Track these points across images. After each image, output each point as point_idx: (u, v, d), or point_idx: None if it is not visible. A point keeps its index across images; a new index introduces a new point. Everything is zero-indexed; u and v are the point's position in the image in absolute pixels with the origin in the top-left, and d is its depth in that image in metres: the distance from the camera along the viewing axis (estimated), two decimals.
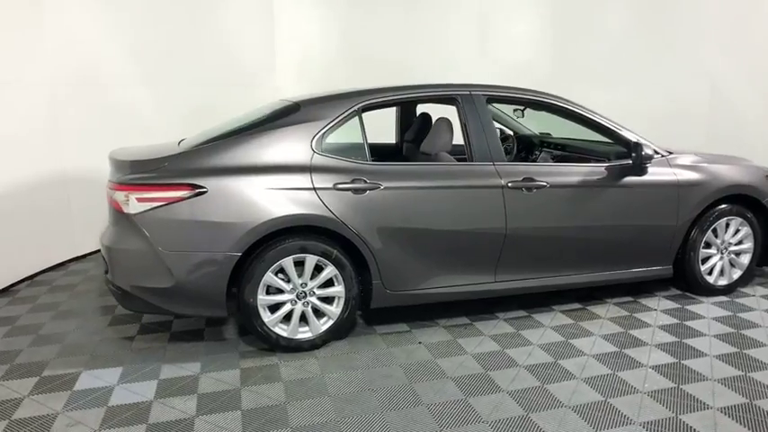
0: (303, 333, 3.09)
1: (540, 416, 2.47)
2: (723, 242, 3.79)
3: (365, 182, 3.04)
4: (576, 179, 3.40)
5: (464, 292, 3.33)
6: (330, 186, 2.99)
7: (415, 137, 4.21)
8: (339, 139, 3.17)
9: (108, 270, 2.99)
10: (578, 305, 3.75)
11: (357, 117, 3.19)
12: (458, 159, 3.43)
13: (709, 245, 3.78)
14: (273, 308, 3.04)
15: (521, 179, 3.28)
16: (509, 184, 3.25)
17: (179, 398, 2.65)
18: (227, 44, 5.55)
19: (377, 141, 4.61)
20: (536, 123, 4.85)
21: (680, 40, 6.31)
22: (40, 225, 4.43)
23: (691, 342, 3.18)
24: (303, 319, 3.08)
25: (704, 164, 3.69)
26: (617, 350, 3.09)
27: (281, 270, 2.99)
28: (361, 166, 3.09)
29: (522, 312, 3.64)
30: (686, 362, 2.95)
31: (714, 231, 3.75)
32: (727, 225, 3.77)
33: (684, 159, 3.68)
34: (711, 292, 3.84)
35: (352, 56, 6.16)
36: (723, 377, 2.78)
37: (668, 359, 2.98)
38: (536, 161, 4.38)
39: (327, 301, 3.11)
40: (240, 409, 2.55)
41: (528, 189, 3.29)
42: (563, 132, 4.54)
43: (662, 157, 3.63)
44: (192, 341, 3.26)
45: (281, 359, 3.02)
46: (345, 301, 3.10)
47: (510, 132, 4.77)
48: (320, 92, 3.50)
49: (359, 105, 3.19)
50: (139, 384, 2.77)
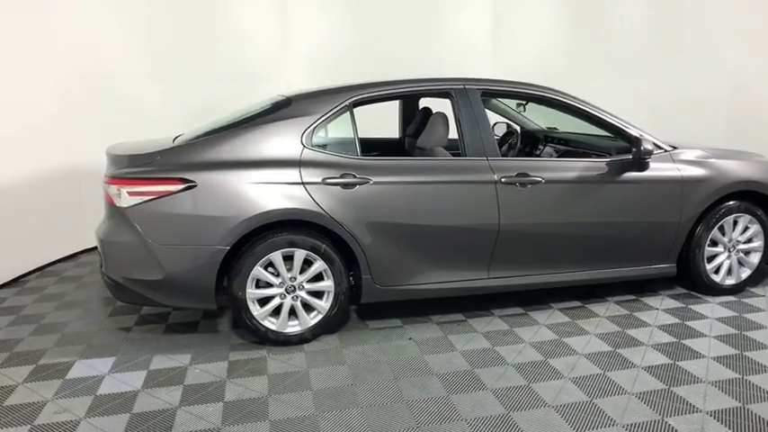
0: (292, 327, 3.10)
1: (521, 415, 2.43)
2: (731, 240, 3.66)
3: (354, 176, 3.04)
4: (573, 174, 3.33)
5: (456, 288, 3.29)
6: (319, 181, 2.99)
7: (415, 131, 4.17)
8: (330, 133, 3.17)
9: (102, 262, 3.06)
10: (578, 303, 3.67)
11: (348, 112, 3.18)
12: (455, 154, 3.39)
13: (715, 243, 3.66)
14: (264, 301, 3.06)
15: (514, 174, 3.22)
16: (502, 180, 3.20)
17: (165, 388, 2.70)
18: (238, 39, 5.59)
19: (380, 136, 4.62)
20: (544, 118, 4.76)
21: (697, 30, 6.10)
22: (52, 217, 4.56)
23: (689, 343, 3.09)
24: (293, 313, 3.10)
25: (710, 159, 3.57)
26: (611, 350, 3.02)
27: (270, 264, 3.01)
28: (351, 161, 3.08)
29: (519, 309, 3.59)
30: (681, 363, 2.86)
31: (721, 229, 3.63)
32: (735, 222, 3.64)
33: (689, 155, 3.56)
34: (718, 291, 3.72)
35: (363, 51, 6.13)
36: (718, 380, 2.69)
37: (663, 360, 2.90)
38: (540, 156, 4.30)
39: (317, 295, 3.12)
40: (222, 401, 2.58)
41: (522, 184, 3.23)
42: (570, 127, 4.44)
43: (665, 152, 3.52)
44: (187, 333, 3.31)
45: (269, 352, 3.05)
46: (335, 295, 3.11)
47: (516, 127, 4.69)
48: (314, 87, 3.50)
49: (350, 100, 3.17)
50: (129, 374, 2.83)
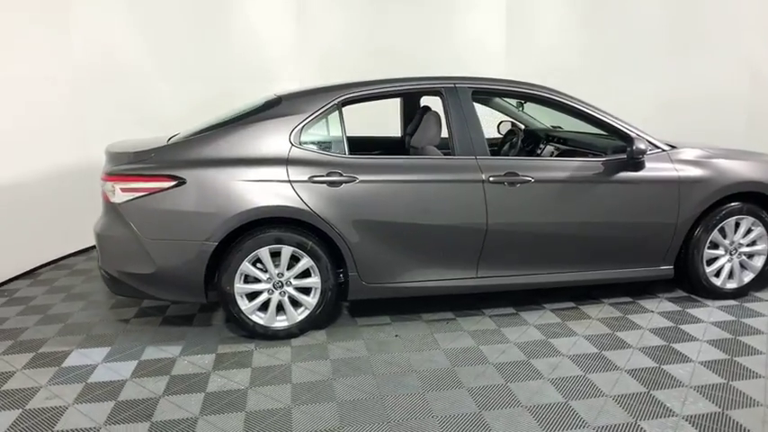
0: (280, 322, 3.17)
1: (493, 414, 2.44)
2: (732, 243, 3.57)
3: (341, 175, 3.08)
4: (565, 174, 3.30)
5: (445, 287, 3.31)
6: (305, 179, 3.05)
7: (414, 130, 4.19)
8: (318, 132, 3.21)
9: (98, 256, 3.18)
10: (571, 304, 3.64)
11: (337, 111, 3.22)
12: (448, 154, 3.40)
13: (717, 245, 3.57)
14: (253, 296, 3.14)
15: (503, 173, 3.21)
16: (490, 179, 3.19)
17: (152, 378, 2.80)
18: (251, 38, 5.69)
19: (382, 135, 4.66)
20: (548, 117, 4.71)
21: (716, 26, 5.92)
22: (66, 212, 4.75)
23: (679, 347, 3.03)
24: (282, 309, 3.17)
25: (710, 159, 3.48)
26: (596, 352, 2.99)
27: (259, 260, 3.08)
28: (338, 160, 3.12)
29: (510, 309, 3.57)
30: (667, 367, 2.81)
31: (722, 231, 3.54)
32: (737, 224, 3.54)
33: (687, 154, 3.48)
34: (718, 295, 3.62)
35: (376, 49, 6.16)
36: (701, 384, 2.64)
37: (648, 363, 2.85)
38: (541, 155, 4.26)
39: (305, 291, 3.18)
40: (204, 392, 2.66)
41: (511, 184, 3.21)
42: (574, 126, 4.39)
43: (662, 151, 3.45)
44: (182, 325, 3.42)
45: (257, 346, 3.12)
46: (321, 292, 3.16)
47: (521, 126, 4.66)
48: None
49: (339, 99, 3.22)
50: (121, 364, 2.95)
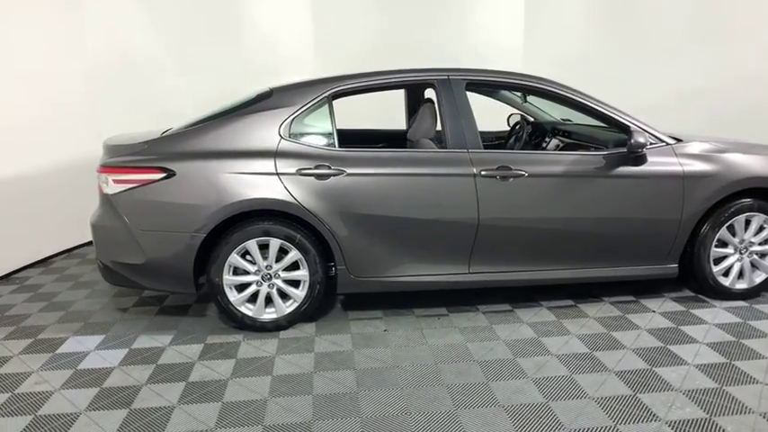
0: (269, 314, 3.19)
1: (469, 413, 2.39)
2: (742, 241, 3.40)
3: (329, 168, 3.06)
4: (561, 168, 3.20)
5: (436, 282, 3.26)
6: (293, 172, 3.04)
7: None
8: (308, 125, 3.20)
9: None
10: (570, 302, 3.53)
11: (327, 103, 3.20)
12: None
13: (726, 244, 3.41)
14: (243, 288, 3.16)
15: (495, 167, 3.14)
16: (482, 173, 3.12)
17: (139, 366, 2.85)
18: (265, 32, 5.72)
19: (388, 128, 4.61)
20: (558, 110, 4.58)
21: (745, 13, 5.63)
22: (81, 202, 4.86)
23: (675, 349, 2.90)
24: (272, 301, 3.19)
25: (718, 153, 3.32)
26: (587, 352, 2.90)
27: (248, 252, 3.10)
28: (327, 153, 3.11)
29: (506, 306, 3.50)
30: (659, 369, 2.70)
31: (732, 229, 3.37)
32: (748, 222, 3.37)
33: (693, 148, 3.32)
34: (727, 295, 3.46)
35: (392, 43, 6.09)
36: (692, 389, 2.52)
37: (640, 365, 2.75)
38: (546, 148, 4.15)
39: (294, 284, 3.19)
40: (186, 381, 2.70)
41: (503, 178, 3.14)
42: (584, 119, 4.25)
43: (666, 145, 3.31)
44: (177, 315, 3.48)
45: (246, 337, 3.15)
46: (310, 285, 3.16)
47: (530, 119, 4.54)
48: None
49: (329, 92, 3.20)
50: (112, 351, 3.02)
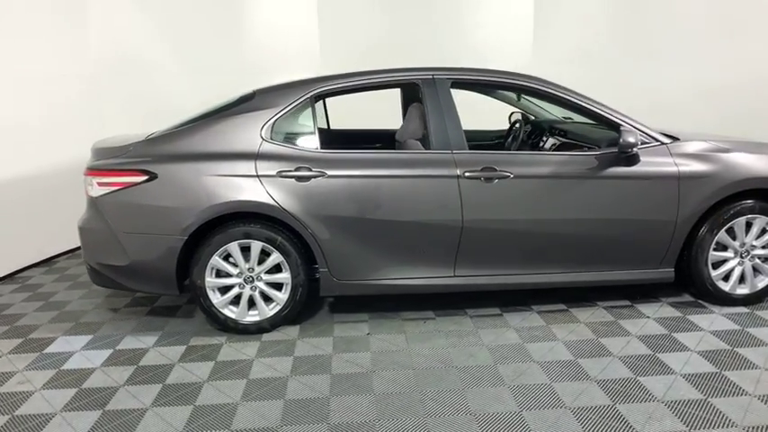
0: (252, 316, 3.18)
1: (440, 421, 2.34)
2: (743, 244, 3.25)
3: (310, 170, 3.04)
4: (548, 169, 3.11)
5: (421, 286, 3.21)
6: (274, 174, 3.03)
7: None
8: (290, 126, 3.18)
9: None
10: (562, 306, 3.44)
11: (309, 105, 3.18)
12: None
13: (726, 247, 3.27)
14: (226, 290, 3.16)
15: (479, 169, 3.06)
16: (466, 174, 3.06)
17: (120, 367, 2.88)
18: (268, 31, 5.73)
19: (387, 128, 4.57)
20: (559, 108, 4.47)
21: (761, 8, 5.40)
22: (84, 203, 4.96)
23: (664, 357, 2.79)
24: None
25: (716, 153, 3.18)
26: (571, 359, 2.81)
27: (231, 254, 3.10)
28: (308, 154, 3.09)
29: (496, 310, 3.42)
30: (643, 378, 2.60)
31: (732, 231, 3.23)
32: (749, 224, 3.23)
33: (690, 147, 3.19)
34: (727, 301, 3.32)
35: (397, 41, 6.04)
36: (675, 400, 2.42)
37: (624, 374, 2.65)
38: (543, 147, 4.04)
39: (277, 287, 3.18)
40: (163, 383, 2.71)
41: (487, 179, 3.06)
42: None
43: (660, 144, 3.18)
44: (166, 316, 3.50)
45: (228, 340, 3.15)
46: (292, 287, 3.14)
47: (530, 117, 4.44)
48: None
49: (311, 93, 3.17)
50: (96, 352, 3.06)
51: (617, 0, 5.97)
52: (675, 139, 3.27)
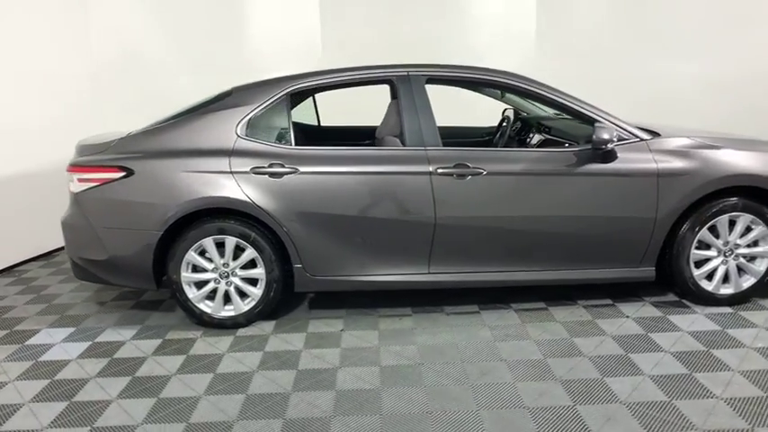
0: (227, 311, 3.22)
1: (394, 419, 2.33)
2: (726, 243, 3.16)
3: (282, 166, 3.06)
4: (523, 166, 3.07)
5: (395, 282, 3.20)
6: (247, 170, 3.05)
7: None
8: (265, 123, 3.19)
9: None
10: (542, 304, 3.39)
11: (285, 102, 3.19)
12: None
13: (709, 246, 3.18)
14: (203, 285, 3.20)
15: (451, 165, 3.04)
16: (438, 171, 3.04)
17: (95, 359, 2.95)
18: (271, 29, 5.76)
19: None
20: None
21: None
22: None
23: (636, 357, 2.73)
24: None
25: (698, 149, 3.09)
26: (540, 358, 2.77)
27: (206, 250, 3.14)
28: (282, 151, 3.10)
29: (473, 308, 3.40)
30: (610, 379, 2.55)
31: (715, 230, 3.14)
32: (732, 222, 3.13)
33: (670, 143, 3.11)
34: (710, 301, 3.23)
35: (401, 38, 5.98)
36: (638, 401, 2.37)
37: (591, 374, 2.60)
38: (529, 144, 3.99)
39: (253, 282, 3.20)
40: (132, 376, 2.76)
41: (460, 176, 3.04)
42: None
43: (639, 140, 3.11)
44: (149, 310, 3.56)
45: (204, 334, 3.19)
46: (267, 283, 3.16)
47: (522, 114, 4.39)
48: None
49: (286, 91, 3.19)
50: (74, 344, 3.13)
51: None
52: (657, 135, 3.20)
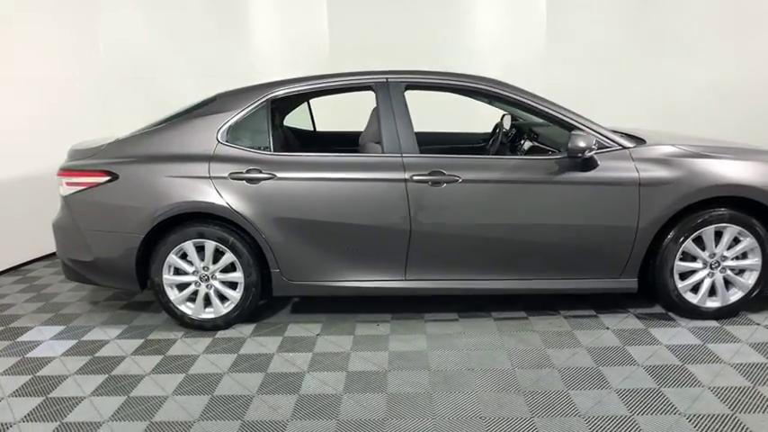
0: (207, 314, 3.28)
1: (348, 427, 2.34)
2: (713, 255, 3.06)
3: (260, 172, 3.11)
4: (500, 174, 3.04)
5: (372, 288, 3.21)
6: (225, 176, 3.11)
7: None
8: (245, 129, 3.25)
9: None
10: (522, 314, 3.35)
11: (265, 108, 3.24)
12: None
13: (695, 258, 3.09)
14: (184, 288, 3.28)
15: (427, 173, 3.04)
16: (413, 178, 3.04)
17: (77, 357, 3.05)
18: (279, 33, 5.86)
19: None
20: None
21: None
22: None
23: (607, 370, 2.67)
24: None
25: (683, 158, 3.00)
26: (509, 368, 2.74)
27: (187, 253, 3.22)
28: (260, 157, 3.15)
29: (453, 315, 3.38)
30: (575, 392, 2.51)
31: (701, 241, 3.05)
32: (719, 234, 3.04)
33: (653, 152, 3.04)
34: (696, 314, 3.14)
35: (410, 40, 5.99)
36: (599, 416, 2.32)
37: (557, 387, 2.56)
38: (519, 150, 3.95)
39: (232, 286, 3.26)
40: (109, 374, 2.85)
41: (435, 183, 3.03)
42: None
43: (621, 148, 3.05)
44: (138, 310, 3.66)
45: (185, 336, 3.26)
46: (245, 287, 3.22)
47: (521, 120, 4.34)
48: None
49: (267, 97, 3.24)
50: (61, 342, 3.24)
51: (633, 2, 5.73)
52: (642, 141, 3.13)
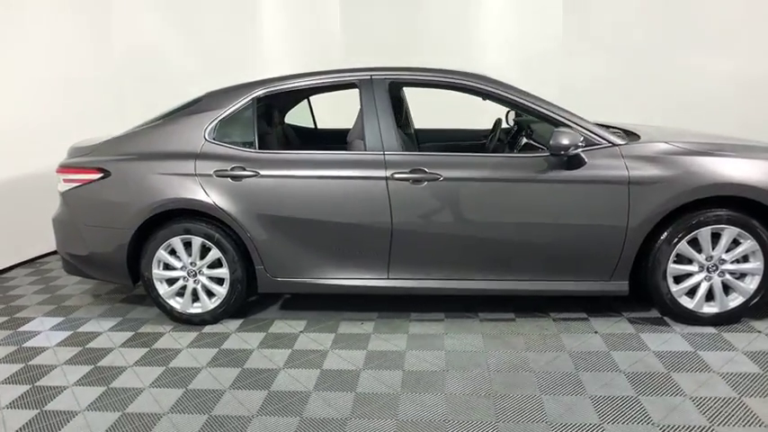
0: (195, 308, 3.34)
1: (312, 424, 2.34)
2: (710, 258, 2.91)
3: (244, 169, 3.13)
4: (483, 172, 2.97)
5: (355, 286, 3.19)
6: (210, 173, 3.15)
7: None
8: (231, 127, 3.27)
9: None
10: (511, 315, 3.27)
11: (251, 107, 3.26)
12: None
13: (691, 260, 2.94)
14: (173, 282, 3.34)
15: (408, 171, 2.99)
16: (394, 176, 3.00)
17: (69, 348, 3.15)
18: (290, 31, 5.91)
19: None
20: None
21: None
22: None
23: (586, 376, 2.58)
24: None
25: (678, 155, 2.86)
26: (484, 372, 2.67)
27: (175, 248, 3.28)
28: (244, 154, 3.18)
29: (440, 315, 3.33)
30: (547, 397, 2.42)
31: (697, 243, 2.90)
32: (716, 236, 2.88)
33: (645, 149, 2.90)
34: (692, 319, 2.99)
35: (424, 35, 5.94)
36: (568, 423, 2.23)
37: (530, 391, 2.48)
38: (515, 148, 3.84)
39: (219, 281, 3.30)
40: (95, 365, 2.93)
41: (416, 181, 2.99)
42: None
43: (611, 146, 2.92)
44: (134, 304, 3.76)
45: (174, 329, 3.33)
46: (230, 283, 3.26)
47: (522, 117, 4.24)
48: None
49: (253, 95, 3.26)
50: (57, 333, 3.36)
51: None
52: (636, 137, 2.99)
